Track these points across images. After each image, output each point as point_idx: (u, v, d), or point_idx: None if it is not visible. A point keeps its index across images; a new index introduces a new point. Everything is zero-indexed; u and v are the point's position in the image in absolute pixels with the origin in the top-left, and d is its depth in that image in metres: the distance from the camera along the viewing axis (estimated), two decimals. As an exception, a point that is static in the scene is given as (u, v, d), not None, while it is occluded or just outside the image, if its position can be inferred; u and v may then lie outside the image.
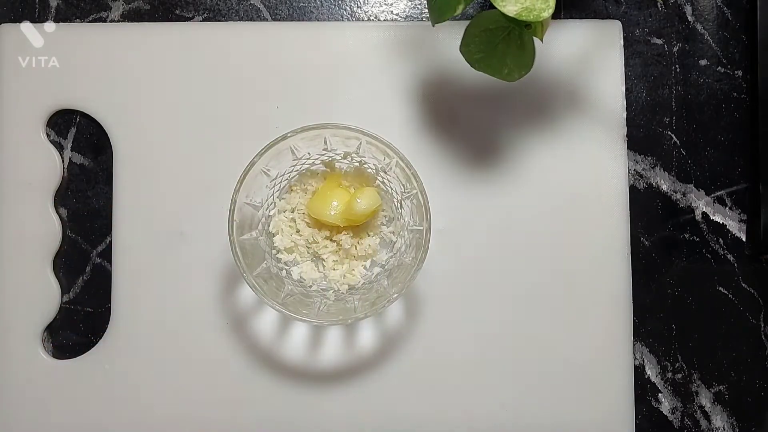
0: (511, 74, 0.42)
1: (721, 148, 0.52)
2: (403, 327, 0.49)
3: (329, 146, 0.44)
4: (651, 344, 0.51)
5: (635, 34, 0.52)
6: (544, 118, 0.50)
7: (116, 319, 0.49)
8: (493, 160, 0.50)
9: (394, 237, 0.48)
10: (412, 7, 0.52)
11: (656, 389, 0.50)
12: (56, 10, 0.52)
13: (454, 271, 0.49)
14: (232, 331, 0.49)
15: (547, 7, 0.37)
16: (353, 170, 0.47)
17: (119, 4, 0.52)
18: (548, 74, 0.50)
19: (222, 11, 0.52)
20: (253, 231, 0.45)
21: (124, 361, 0.49)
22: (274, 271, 0.45)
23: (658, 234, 0.51)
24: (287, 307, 0.41)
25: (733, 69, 0.52)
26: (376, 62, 0.50)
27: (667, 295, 0.51)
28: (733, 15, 0.52)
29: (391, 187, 0.46)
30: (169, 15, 0.52)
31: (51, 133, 0.51)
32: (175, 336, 0.49)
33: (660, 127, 0.52)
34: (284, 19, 0.52)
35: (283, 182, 0.46)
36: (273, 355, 0.49)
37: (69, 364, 0.49)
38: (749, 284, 0.51)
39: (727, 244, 0.51)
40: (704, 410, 0.51)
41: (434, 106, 0.50)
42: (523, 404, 0.49)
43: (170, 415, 0.49)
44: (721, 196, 0.52)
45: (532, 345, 0.49)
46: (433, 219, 0.42)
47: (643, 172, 0.51)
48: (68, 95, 0.50)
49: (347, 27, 0.51)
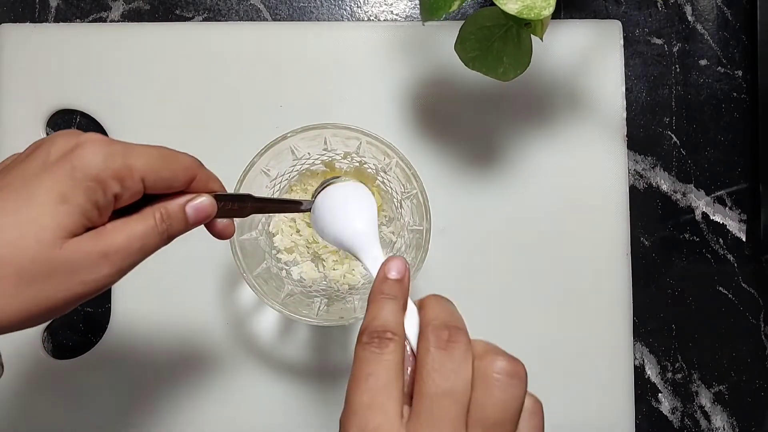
0: (507, 73, 0.42)
1: (721, 148, 0.52)
2: (403, 327, 0.49)
3: (329, 146, 0.44)
4: (651, 344, 0.51)
5: (635, 34, 0.52)
6: (544, 118, 0.50)
7: (116, 319, 0.49)
8: (493, 160, 0.50)
9: (394, 237, 0.48)
10: (412, 7, 0.52)
11: (656, 389, 0.50)
12: (56, 10, 0.52)
13: (454, 271, 0.49)
14: (232, 331, 0.49)
15: (548, 5, 0.37)
16: (353, 170, 0.47)
17: (119, 4, 0.52)
18: (548, 74, 0.50)
19: (222, 11, 0.52)
20: (253, 231, 0.45)
21: (124, 361, 0.49)
22: (274, 271, 0.45)
23: (658, 234, 0.51)
24: (287, 307, 0.41)
25: (733, 69, 0.52)
26: (376, 62, 0.50)
27: (667, 295, 0.51)
28: (733, 15, 0.52)
29: (391, 187, 0.46)
30: (169, 15, 0.52)
31: (51, 133, 0.51)
32: (175, 336, 0.49)
33: (660, 127, 0.52)
34: (284, 19, 0.52)
35: (283, 182, 0.46)
36: (273, 355, 0.49)
37: (69, 364, 0.49)
38: (749, 284, 0.51)
39: (727, 244, 0.51)
40: (704, 410, 0.51)
41: (434, 106, 0.50)
42: (523, 404, 0.49)
43: (170, 414, 0.49)
44: (721, 196, 0.52)
45: (532, 345, 0.49)
46: (433, 219, 0.42)
47: (643, 172, 0.51)
48: (68, 95, 0.50)
49: (347, 27, 0.51)
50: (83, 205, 0.27)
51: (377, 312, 0.29)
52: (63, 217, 0.26)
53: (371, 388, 0.26)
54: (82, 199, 0.27)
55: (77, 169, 0.27)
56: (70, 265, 0.27)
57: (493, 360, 0.26)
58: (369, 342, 0.27)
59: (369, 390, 0.26)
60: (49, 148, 0.28)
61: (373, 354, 0.27)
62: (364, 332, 0.28)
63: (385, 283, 0.30)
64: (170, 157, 0.30)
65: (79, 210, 0.27)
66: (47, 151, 0.28)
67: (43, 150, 0.28)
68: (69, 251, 0.27)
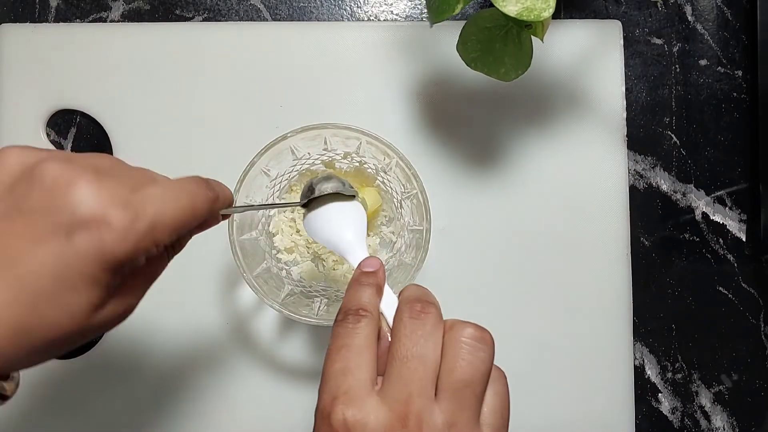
0: (508, 74, 0.42)
1: (721, 148, 0.52)
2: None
3: (329, 146, 0.44)
4: (651, 344, 0.51)
5: (635, 34, 0.52)
6: (544, 118, 0.50)
7: (116, 319, 0.49)
8: (493, 160, 0.50)
9: (394, 237, 0.48)
10: (412, 7, 0.52)
11: (656, 389, 0.50)
12: (56, 10, 0.52)
13: (454, 271, 0.49)
14: (232, 331, 0.49)
15: (548, 7, 0.37)
16: (353, 170, 0.47)
17: (119, 4, 0.52)
18: (548, 74, 0.50)
19: (222, 11, 0.52)
20: (253, 231, 0.45)
21: (124, 361, 0.49)
22: (274, 271, 0.45)
23: (658, 234, 0.51)
24: (287, 307, 0.41)
25: (733, 69, 0.52)
26: (376, 62, 0.50)
27: (667, 295, 0.51)
28: (733, 15, 0.52)
29: (391, 187, 0.46)
30: (169, 15, 0.52)
31: (51, 133, 0.51)
32: (176, 336, 0.49)
33: (660, 127, 0.52)
34: (284, 19, 0.52)
35: (283, 182, 0.46)
36: (273, 355, 0.49)
37: (69, 364, 0.49)
38: (749, 284, 0.51)
39: (727, 244, 0.51)
40: (704, 410, 0.51)
41: (434, 106, 0.50)
42: (523, 404, 0.49)
43: (170, 414, 0.49)
44: (721, 196, 0.52)
45: (532, 345, 0.49)
46: (433, 219, 0.42)
47: (643, 172, 0.51)
48: (68, 95, 0.50)
49: (347, 27, 0.51)
50: (113, 282, 0.27)
51: (352, 295, 0.32)
52: (94, 298, 0.26)
53: (343, 357, 0.28)
54: (112, 279, 0.27)
55: (107, 254, 0.26)
56: (99, 327, 0.28)
57: (462, 328, 0.29)
58: (344, 319, 0.30)
59: (341, 359, 0.28)
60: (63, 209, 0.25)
61: (346, 329, 0.29)
62: (340, 312, 0.31)
63: (360, 275, 0.33)
64: (192, 214, 0.29)
65: (109, 286, 0.27)
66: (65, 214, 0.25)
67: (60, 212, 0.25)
68: (100, 318, 0.27)
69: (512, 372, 0.50)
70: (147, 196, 0.27)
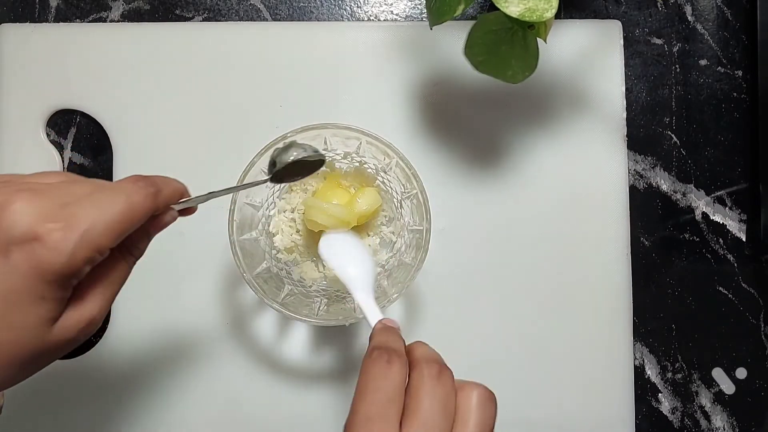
0: (516, 76, 0.42)
1: (721, 148, 0.52)
2: (403, 327, 0.49)
3: (329, 146, 0.44)
4: (651, 344, 0.51)
5: (635, 34, 0.52)
6: (544, 119, 0.50)
7: (116, 319, 0.49)
8: (493, 159, 0.50)
9: (394, 237, 0.48)
10: (412, 7, 0.52)
11: (656, 389, 0.50)
12: (56, 10, 0.52)
13: (454, 271, 0.49)
14: (232, 331, 0.49)
15: (550, 8, 0.37)
16: (353, 170, 0.47)
17: (119, 4, 0.52)
18: (548, 75, 0.50)
19: (222, 11, 0.52)
20: (253, 231, 0.45)
21: (124, 361, 0.49)
22: (274, 271, 0.45)
23: (658, 234, 0.51)
24: (287, 307, 0.41)
25: (733, 69, 0.52)
26: (376, 62, 0.50)
27: (667, 295, 0.51)
28: (733, 15, 0.52)
29: (391, 187, 0.46)
30: (169, 15, 0.52)
31: (51, 133, 0.51)
32: (175, 336, 0.49)
33: (660, 127, 0.52)
34: (284, 19, 0.52)
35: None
36: (273, 355, 0.49)
37: (69, 364, 0.49)
38: (749, 284, 0.51)
39: (727, 244, 0.51)
40: (704, 410, 0.51)
41: (434, 106, 0.50)
42: (524, 404, 0.49)
43: (170, 414, 0.49)
44: (721, 196, 0.52)
45: (532, 345, 0.49)
46: (433, 219, 0.42)
47: (643, 172, 0.51)
48: (68, 95, 0.50)
49: (347, 27, 0.51)
50: (61, 295, 0.28)
51: (386, 337, 0.33)
52: (45, 313, 0.28)
53: (378, 401, 0.29)
54: (59, 292, 0.28)
55: (46, 271, 0.27)
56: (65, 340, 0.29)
57: (472, 389, 0.31)
58: (378, 356, 0.31)
59: (375, 403, 0.29)
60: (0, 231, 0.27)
61: (381, 369, 0.30)
62: (374, 348, 0.31)
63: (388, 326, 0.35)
64: (130, 214, 0.29)
65: (58, 299, 0.28)
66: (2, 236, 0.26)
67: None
68: (62, 331, 0.29)
69: (512, 372, 0.51)
70: (78, 207, 0.28)
